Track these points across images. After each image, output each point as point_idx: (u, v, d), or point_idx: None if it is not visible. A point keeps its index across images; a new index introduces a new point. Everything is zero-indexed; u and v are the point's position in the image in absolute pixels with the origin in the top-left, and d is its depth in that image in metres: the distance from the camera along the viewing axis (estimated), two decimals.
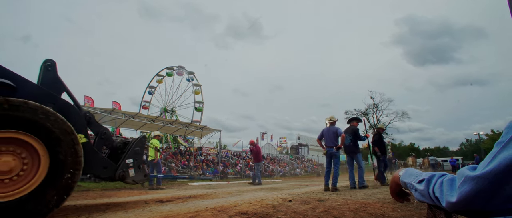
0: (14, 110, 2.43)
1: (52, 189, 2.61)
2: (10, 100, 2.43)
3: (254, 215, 2.75)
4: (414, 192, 0.85)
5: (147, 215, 3.04)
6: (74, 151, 2.77)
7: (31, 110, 2.52)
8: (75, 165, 2.77)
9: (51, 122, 2.63)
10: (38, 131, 2.58)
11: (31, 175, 2.57)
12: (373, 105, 38.94)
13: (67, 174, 2.71)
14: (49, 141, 2.64)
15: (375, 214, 2.81)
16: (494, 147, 0.63)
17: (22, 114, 2.47)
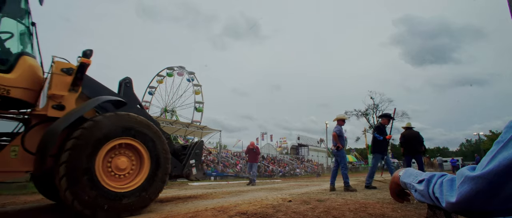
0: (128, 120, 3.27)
1: (153, 183, 3.32)
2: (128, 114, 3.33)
3: (254, 215, 2.75)
4: (414, 193, 0.85)
5: (147, 215, 3.04)
6: (165, 153, 3.51)
7: (137, 120, 3.34)
8: (166, 164, 3.50)
9: (150, 129, 3.42)
10: (142, 137, 3.33)
11: (138, 172, 3.31)
12: (373, 105, 38.97)
13: (161, 172, 3.42)
14: (149, 145, 3.36)
15: (375, 214, 2.81)
16: (493, 146, 0.62)
17: (131, 124, 3.27)
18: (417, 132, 7.23)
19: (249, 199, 4.22)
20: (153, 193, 3.34)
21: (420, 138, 7.07)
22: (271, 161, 27.49)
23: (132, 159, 3.29)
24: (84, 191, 2.79)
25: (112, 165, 3.12)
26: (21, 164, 3.00)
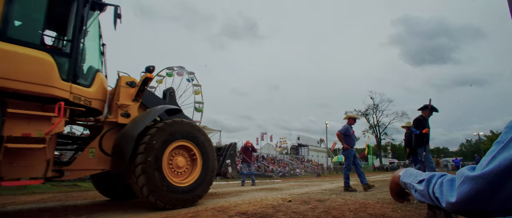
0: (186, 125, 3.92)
1: (204, 179, 3.93)
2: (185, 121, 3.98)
3: (254, 215, 2.75)
4: (414, 193, 0.85)
5: (147, 215, 3.04)
6: (212, 155, 4.15)
7: (191, 125, 4.02)
8: (214, 164, 4.16)
9: (200, 132, 4.07)
10: (196, 141, 3.97)
11: (192, 170, 3.94)
12: (373, 105, 38.99)
13: (210, 170, 4.06)
14: (200, 147, 3.98)
15: (375, 214, 2.81)
16: (493, 146, 0.62)
17: (188, 129, 3.90)
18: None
19: (249, 199, 4.22)
20: (204, 189, 3.96)
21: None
22: (271, 161, 27.49)
23: (187, 159, 3.94)
24: (157, 186, 3.37)
25: (173, 164, 3.71)
26: (97, 163, 3.60)
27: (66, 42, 3.56)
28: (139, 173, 3.29)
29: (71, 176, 3.46)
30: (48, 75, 3.09)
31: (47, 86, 3.06)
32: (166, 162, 3.60)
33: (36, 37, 3.29)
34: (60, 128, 3.21)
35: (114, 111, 3.83)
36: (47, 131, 3.07)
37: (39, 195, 6.15)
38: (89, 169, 3.58)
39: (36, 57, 3.06)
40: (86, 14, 3.63)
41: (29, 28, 3.31)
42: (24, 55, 2.99)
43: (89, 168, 3.56)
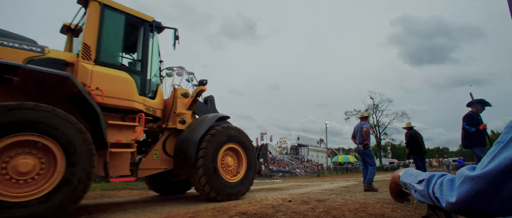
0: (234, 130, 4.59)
1: (248, 176, 4.60)
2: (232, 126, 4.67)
3: (254, 215, 2.75)
4: (414, 193, 0.85)
5: (147, 215, 3.04)
6: (254, 155, 4.83)
7: (237, 130, 4.64)
8: (255, 163, 4.83)
9: (244, 135, 4.71)
10: (242, 143, 4.62)
11: (238, 168, 4.61)
12: (373, 105, 38.98)
13: (252, 169, 4.74)
14: (245, 149, 4.66)
15: (375, 214, 2.81)
16: (493, 146, 0.62)
17: (235, 133, 4.55)
18: (418, 132, 7.23)
19: (249, 199, 4.23)
20: (248, 184, 4.64)
21: (422, 137, 7.08)
22: (271, 161, 27.49)
23: (235, 159, 4.62)
24: (216, 183, 4.02)
25: (224, 163, 4.35)
26: (161, 163, 4.21)
27: (136, 61, 4.23)
28: (201, 173, 3.94)
29: (141, 175, 4.08)
30: (130, 91, 3.76)
31: (130, 100, 3.72)
32: (220, 162, 4.26)
33: (118, 59, 4.09)
34: (141, 135, 3.97)
35: (172, 118, 4.46)
36: (133, 137, 3.75)
37: None
38: (154, 168, 4.14)
39: (121, 77, 3.75)
40: (152, 37, 4.32)
41: (113, 53, 4.00)
42: (114, 76, 3.67)
43: (154, 167, 4.13)
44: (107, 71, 3.61)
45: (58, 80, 3.16)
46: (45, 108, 2.75)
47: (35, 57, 3.20)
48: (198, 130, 4.16)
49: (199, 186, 4.03)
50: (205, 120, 4.40)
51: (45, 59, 3.27)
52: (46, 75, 3.04)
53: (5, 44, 3.04)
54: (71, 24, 4.31)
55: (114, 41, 4.01)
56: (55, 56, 3.40)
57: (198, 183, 3.97)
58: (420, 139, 7.02)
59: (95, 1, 3.71)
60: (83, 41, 3.57)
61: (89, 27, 3.65)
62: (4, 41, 3.08)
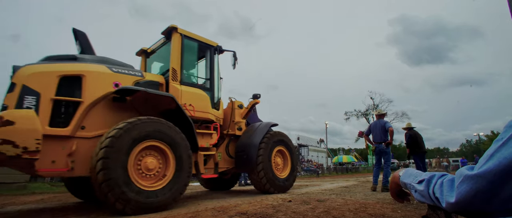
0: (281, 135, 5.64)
1: (292, 174, 5.62)
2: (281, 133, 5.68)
3: (254, 215, 2.75)
4: (414, 193, 0.85)
5: (147, 215, 3.04)
6: (296, 156, 5.87)
7: (283, 135, 5.70)
8: (297, 163, 5.95)
9: (288, 139, 5.76)
10: (287, 145, 5.64)
11: (284, 167, 5.59)
12: (373, 105, 38.97)
13: (295, 166, 5.78)
14: (290, 150, 5.67)
15: (375, 214, 2.81)
16: (492, 145, 0.62)
17: (282, 137, 5.59)
18: (418, 132, 7.22)
19: (249, 199, 4.22)
20: (293, 180, 5.63)
21: (422, 137, 7.07)
22: None
23: (282, 159, 5.61)
24: (271, 179, 4.98)
25: (274, 162, 5.31)
26: (223, 163, 5.10)
27: (206, 80, 4.99)
28: (261, 171, 4.88)
29: (207, 174, 4.73)
30: (207, 105, 4.63)
31: (207, 113, 4.60)
32: (273, 161, 5.21)
33: (194, 79, 4.94)
34: (216, 140, 4.81)
35: (232, 126, 5.35)
36: (212, 143, 4.66)
37: (39, 195, 6.15)
38: (219, 167, 4.97)
39: (200, 94, 4.62)
40: (216, 58, 5.18)
41: (192, 74, 4.97)
42: (196, 94, 4.54)
43: (219, 167, 4.97)
44: (191, 90, 4.49)
45: (163, 99, 3.98)
46: (162, 121, 3.57)
47: (140, 80, 3.98)
48: (256, 136, 5.09)
49: (258, 181, 4.98)
50: (260, 127, 5.31)
51: (145, 82, 4.05)
52: (156, 96, 3.87)
53: (121, 71, 3.83)
54: (148, 49, 5.24)
55: (192, 64, 4.99)
56: (151, 79, 4.22)
57: (258, 178, 4.93)
58: (420, 139, 7.01)
59: (177, 33, 4.53)
60: (171, 66, 4.37)
61: (174, 54, 4.45)
62: (123, 70, 3.88)
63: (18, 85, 3.13)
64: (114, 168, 2.99)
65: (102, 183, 2.91)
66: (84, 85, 3.44)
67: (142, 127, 3.31)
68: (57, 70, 3.37)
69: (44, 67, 3.35)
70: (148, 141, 3.37)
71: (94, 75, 3.54)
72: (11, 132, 2.73)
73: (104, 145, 3.01)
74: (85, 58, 3.80)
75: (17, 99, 3.07)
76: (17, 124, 2.78)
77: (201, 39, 4.95)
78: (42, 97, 3.18)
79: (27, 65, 3.30)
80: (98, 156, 2.98)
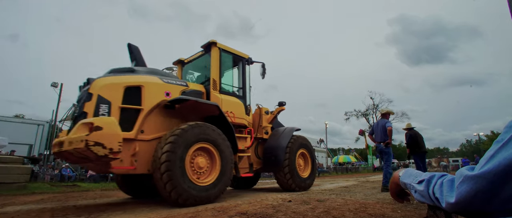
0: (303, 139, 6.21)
1: (313, 173, 6.25)
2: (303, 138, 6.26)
3: (254, 215, 2.75)
4: (414, 193, 0.85)
5: (147, 215, 3.04)
6: (314, 155, 6.53)
7: (304, 138, 6.26)
8: (315, 162, 6.51)
9: (308, 142, 6.35)
10: (308, 148, 6.25)
11: (305, 167, 6.20)
12: (373, 106, 38.96)
13: (315, 167, 6.43)
14: (311, 152, 6.31)
15: (375, 214, 2.81)
16: (493, 145, 0.62)
17: (304, 141, 6.18)
18: (418, 132, 7.21)
19: (249, 199, 4.22)
20: (313, 180, 6.26)
21: (422, 137, 7.06)
22: None
23: (303, 160, 6.23)
24: (296, 178, 5.61)
25: (297, 163, 5.80)
26: (254, 164, 5.55)
27: (239, 89, 5.61)
28: (287, 171, 5.48)
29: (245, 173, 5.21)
30: (241, 112, 5.22)
31: (242, 119, 5.18)
32: (296, 162, 5.77)
33: (230, 88, 5.49)
34: (250, 143, 5.34)
35: (260, 130, 5.83)
36: (247, 145, 5.22)
37: (39, 195, 6.14)
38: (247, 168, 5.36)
39: (236, 101, 5.20)
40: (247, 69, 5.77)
41: (228, 84, 5.49)
42: (232, 101, 5.11)
43: (247, 167, 5.35)
44: (228, 98, 5.05)
45: (209, 107, 4.45)
46: (210, 126, 4.14)
47: (185, 90, 4.52)
48: (283, 139, 5.61)
49: (283, 180, 5.56)
50: (285, 131, 5.83)
51: (190, 91, 4.60)
52: (203, 104, 4.37)
53: (170, 82, 4.37)
54: (185, 59, 5.89)
55: (228, 75, 5.64)
56: (194, 88, 4.75)
57: (284, 177, 5.52)
58: (420, 139, 7.00)
59: (216, 47, 5.11)
60: (212, 77, 4.92)
61: (214, 66, 4.99)
62: (171, 80, 4.42)
63: (94, 95, 3.63)
64: (174, 168, 3.49)
65: (167, 181, 3.42)
66: (143, 95, 3.97)
67: (195, 131, 3.88)
68: (122, 82, 3.89)
69: (113, 79, 3.88)
70: (199, 143, 3.95)
71: (150, 85, 4.08)
72: (101, 135, 3.21)
73: (165, 150, 3.51)
74: (140, 70, 4.34)
75: (94, 107, 3.58)
76: (104, 129, 3.26)
77: (235, 52, 5.53)
78: (112, 106, 3.70)
79: (99, 78, 3.84)
80: (161, 158, 3.47)
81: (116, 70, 4.18)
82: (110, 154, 3.24)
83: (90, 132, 3.20)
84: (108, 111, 3.66)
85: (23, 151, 16.60)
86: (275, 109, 6.35)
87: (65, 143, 3.30)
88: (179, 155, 3.58)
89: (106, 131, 3.27)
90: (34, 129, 18.81)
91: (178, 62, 6.00)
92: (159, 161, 3.48)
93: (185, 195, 3.54)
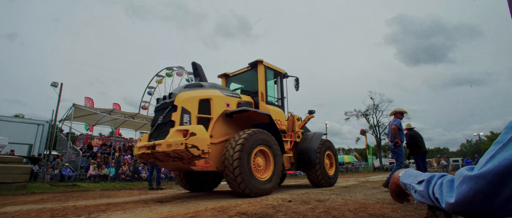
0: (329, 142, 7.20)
1: (336, 172, 7.15)
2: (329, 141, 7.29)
3: (254, 215, 2.75)
4: (414, 193, 0.85)
5: (147, 215, 3.03)
6: (337, 156, 7.44)
7: (329, 141, 7.18)
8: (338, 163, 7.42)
9: (332, 144, 7.27)
10: (332, 150, 7.18)
11: (330, 166, 7.10)
12: (373, 106, 38.95)
13: (338, 167, 7.35)
14: (335, 154, 7.23)
15: (375, 214, 2.81)
16: (492, 146, 0.62)
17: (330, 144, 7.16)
18: (418, 132, 7.20)
19: (249, 199, 4.22)
20: (336, 177, 7.20)
21: (422, 137, 7.06)
22: None
23: (329, 160, 7.11)
24: (325, 176, 6.54)
25: (325, 163, 6.77)
26: (287, 164, 6.00)
27: (278, 99, 6.58)
28: (317, 169, 6.38)
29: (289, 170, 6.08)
30: (283, 119, 6.29)
31: (283, 125, 6.22)
32: (324, 162, 6.67)
33: (272, 99, 6.39)
34: (291, 146, 6.27)
35: (293, 135, 6.46)
36: (288, 148, 6.17)
37: (39, 195, 6.14)
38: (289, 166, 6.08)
39: (279, 111, 6.19)
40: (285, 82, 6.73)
41: (271, 96, 6.35)
42: (276, 111, 6.06)
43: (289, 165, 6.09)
44: (273, 108, 5.94)
45: (262, 116, 5.30)
46: (266, 132, 4.97)
47: (240, 101, 5.37)
48: (314, 143, 6.44)
49: (314, 177, 6.49)
50: (315, 136, 6.66)
51: (244, 102, 5.44)
52: (258, 114, 5.21)
53: (229, 95, 5.22)
54: (230, 73, 6.79)
55: (271, 88, 6.42)
56: (246, 100, 5.65)
57: (315, 175, 6.44)
58: (420, 139, 7.00)
59: (262, 65, 6.06)
60: (260, 90, 5.87)
61: (261, 81, 5.94)
62: (229, 93, 5.27)
63: (179, 107, 4.44)
64: (243, 165, 4.32)
65: (237, 175, 4.25)
66: (212, 106, 4.80)
67: (256, 137, 4.70)
68: (197, 95, 4.71)
69: (190, 94, 4.68)
70: (259, 146, 4.76)
71: (217, 98, 4.92)
72: (195, 140, 3.96)
73: (237, 150, 4.32)
74: (205, 85, 5.15)
75: (180, 116, 4.39)
76: (198, 134, 4.01)
77: (275, 68, 6.47)
78: (192, 115, 4.51)
79: (180, 93, 4.63)
80: (233, 157, 4.28)
81: (189, 85, 5.07)
82: (202, 154, 4.01)
83: (187, 137, 3.94)
84: (189, 119, 4.48)
85: (23, 150, 16.60)
86: (305, 117, 7.20)
87: (162, 146, 3.97)
88: (246, 156, 4.39)
89: (199, 136, 4.03)
90: (34, 129, 18.79)
91: (223, 75, 6.91)
92: (232, 159, 4.29)
93: (251, 187, 4.37)
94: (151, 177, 8.35)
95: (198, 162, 4.29)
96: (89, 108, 15.54)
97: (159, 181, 8.64)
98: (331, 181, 6.78)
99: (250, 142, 4.50)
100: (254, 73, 6.16)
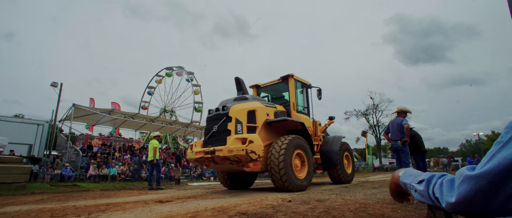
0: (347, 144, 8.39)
1: (353, 171, 8.50)
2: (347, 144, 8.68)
3: (254, 215, 2.75)
4: (414, 193, 0.85)
5: (147, 215, 3.03)
6: (353, 156, 8.70)
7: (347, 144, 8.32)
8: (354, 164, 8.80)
9: (349, 147, 8.46)
10: (350, 151, 8.49)
11: (348, 166, 8.35)
12: (372, 105, 38.95)
13: (354, 166, 8.82)
14: (351, 154, 8.64)
15: (375, 214, 2.81)
16: (493, 146, 0.62)
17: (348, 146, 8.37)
18: (417, 132, 7.20)
19: (249, 199, 4.22)
20: (353, 176, 8.29)
21: (421, 137, 7.06)
22: None
23: (347, 160, 8.16)
24: (344, 174, 7.70)
25: (344, 162, 7.80)
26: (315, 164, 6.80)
27: (304, 108, 7.36)
28: (338, 168, 7.48)
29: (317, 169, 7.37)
30: (310, 125, 7.16)
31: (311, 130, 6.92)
32: (343, 162, 7.71)
33: (301, 108, 7.17)
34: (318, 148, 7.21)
35: (316, 138, 7.20)
36: (316, 150, 6.95)
37: (38, 195, 6.14)
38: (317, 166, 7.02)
39: (307, 118, 7.09)
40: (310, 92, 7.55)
41: (300, 105, 7.21)
42: (305, 118, 6.93)
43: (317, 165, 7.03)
44: (303, 116, 6.87)
45: (296, 124, 6.11)
46: (301, 138, 5.85)
47: (276, 111, 6.18)
48: (335, 145, 7.27)
49: (335, 175, 7.56)
50: (335, 139, 7.50)
51: (279, 111, 6.21)
52: (293, 122, 6.04)
53: (268, 105, 6.08)
54: (261, 84, 7.58)
55: (299, 98, 7.19)
56: (280, 109, 6.38)
57: (336, 173, 7.51)
58: (419, 139, 7.00)
59: (292, 78, 6.87)
60: (291, 101, 6.68)
61: (292, 92, 6.76)
62: (267, 104, 6.14)
63: (233, 118, 5.32)
64: (287, 166, 5.12)
65: (283, 174, 5.04)
66: (257, 116, 5.64)
67: (295, 142, 5.52)
68: (246, 107, 5.58)
69: (241, 106, 5.55)
70: (297, 150, 5.60)
71: (260, 109, 5.77)
72: (254, 146, 4.88)
73: (282, 153, 5.11)
74: (249, 98, 6.04)
75: (235, 126, 5.26)
76: (255, 142, 4.93)
77: (302, 80, 7.30)
78: (243, 125, 5.36)
79: (233, 105, 5.52)
80: (279, 159, 5.07)
81: (237, 98, 5.94)
82: (258, 158, 4.93)
83: (246, 144, 4.82)
84: (241, 128, 5.30)
85: (23, 151, 16.59)
86: (326, 122, 7.98)
87: (224, 151, 4.83)
88: (289, 158, 5.18)
89: (256, 143, 4.92)
90: (34, 129, 18.78)
91: (255, 86, 7.72)
92: (278, 161, 5.06)
93: (292, 184, 5.15)
94: (151, 177, 8.35)
95: (251, 164, 5.07)
96: (89, 108, 15.53)
97: (159, 181, 8.64)
98: (349, 178, 7.84)
99: (291, 146, 5.30)
100: (282, 85, 7.13)
